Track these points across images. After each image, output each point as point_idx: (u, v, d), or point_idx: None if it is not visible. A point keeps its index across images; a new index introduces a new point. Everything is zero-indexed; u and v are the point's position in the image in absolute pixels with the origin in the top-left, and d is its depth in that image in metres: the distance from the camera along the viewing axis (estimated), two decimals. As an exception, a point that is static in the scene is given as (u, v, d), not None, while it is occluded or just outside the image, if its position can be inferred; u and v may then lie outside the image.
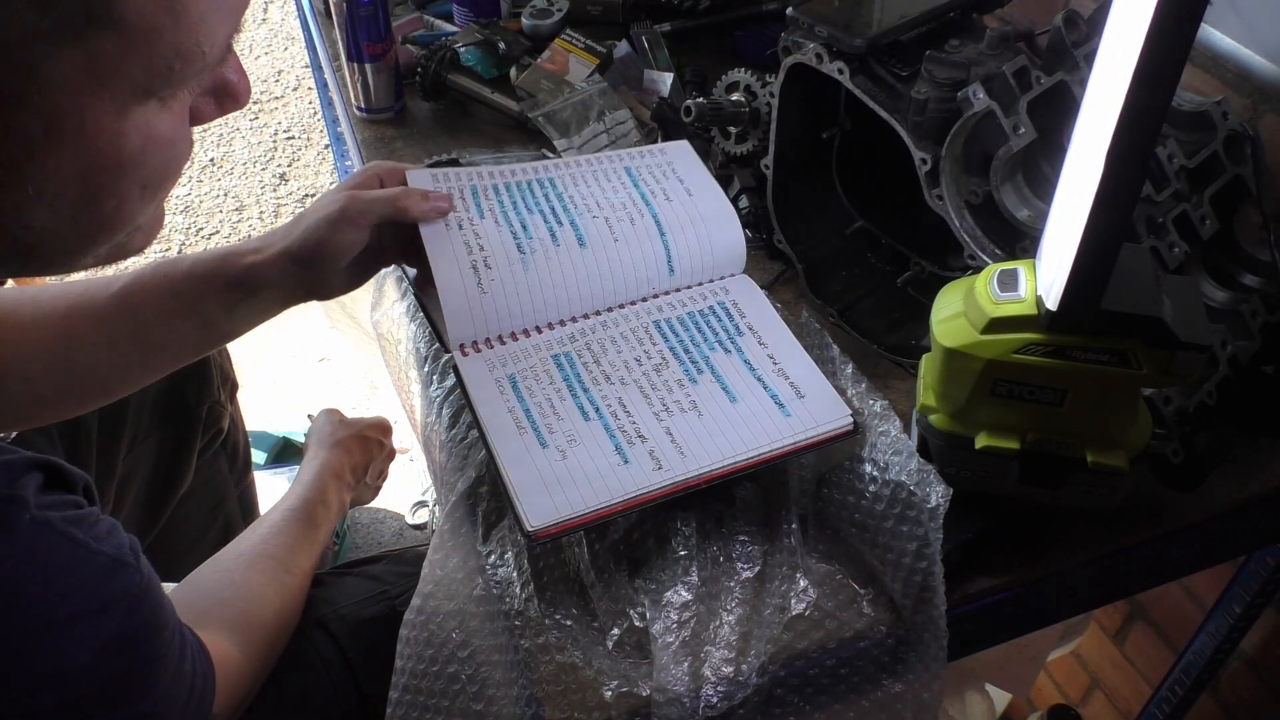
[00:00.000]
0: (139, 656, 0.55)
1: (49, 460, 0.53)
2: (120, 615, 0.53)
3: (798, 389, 0.75)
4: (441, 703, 0.66)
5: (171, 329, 0.78)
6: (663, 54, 1.23)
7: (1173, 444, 0.76)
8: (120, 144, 0.47)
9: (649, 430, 0.72)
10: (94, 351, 0.77)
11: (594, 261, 0.82)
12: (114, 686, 0.54)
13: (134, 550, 0.56)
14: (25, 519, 0.49)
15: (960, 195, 0.80)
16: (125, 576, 0.54)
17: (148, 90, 0.47)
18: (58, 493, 0.53)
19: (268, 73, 3.05)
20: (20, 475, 0.50)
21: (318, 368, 2.08)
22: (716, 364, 0.77)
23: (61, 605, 0.50)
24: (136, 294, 0.76)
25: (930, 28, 0.83)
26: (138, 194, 0.50)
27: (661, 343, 0.79)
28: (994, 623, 0.78)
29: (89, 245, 0.52)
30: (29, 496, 0.50)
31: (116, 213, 0.50)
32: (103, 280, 0.78)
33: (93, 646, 0.52)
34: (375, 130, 1.18)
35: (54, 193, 0.47)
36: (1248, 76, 0.86)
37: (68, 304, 0.76)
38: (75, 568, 0.51)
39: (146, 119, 0.48)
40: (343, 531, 1.62)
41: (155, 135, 0.49)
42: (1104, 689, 1.36)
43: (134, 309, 0.76)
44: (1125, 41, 0.50)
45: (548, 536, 0.66)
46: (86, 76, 0.44)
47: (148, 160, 0.49)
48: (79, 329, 0.76)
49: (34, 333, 0.75)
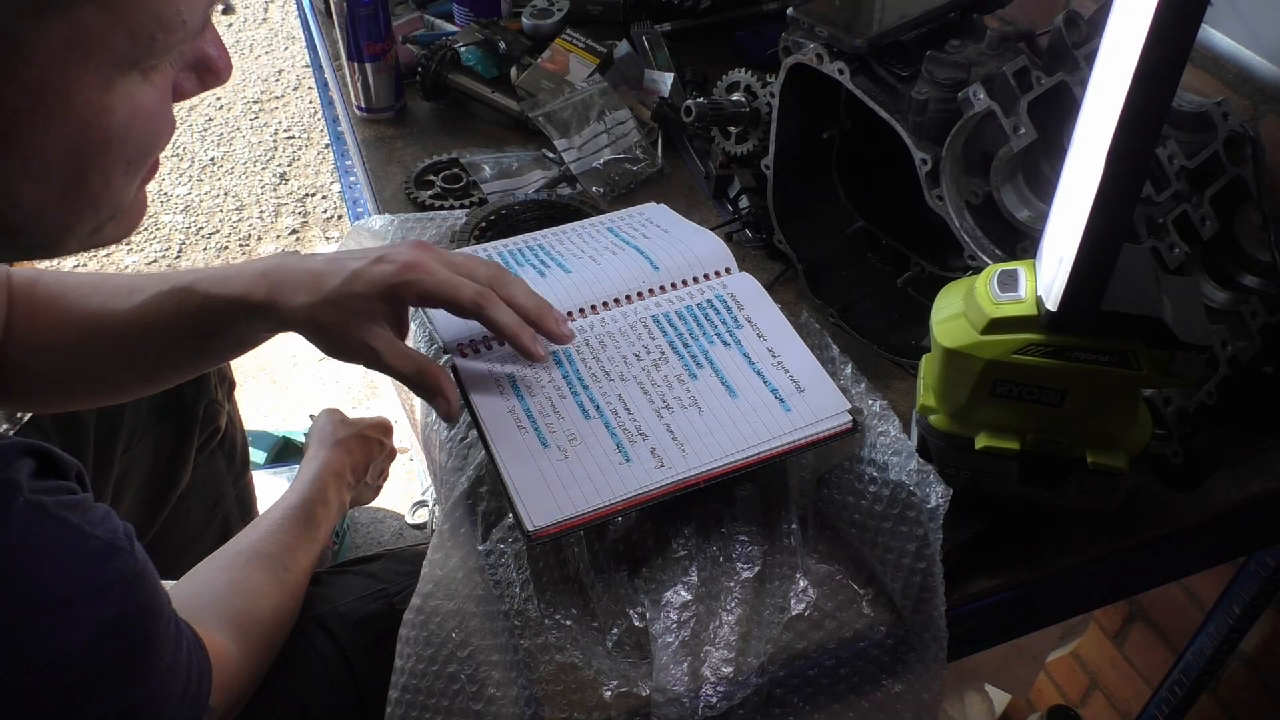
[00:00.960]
0: (135, 641, 0.55)
1: (41, 446, 0.52)
2: (115, 599, 0.53)
3: (797, 382, 0.75)
4: (441, 702, 0.66)
5: (184, 351, 0.79)
6: (663, 54, 1.23)
7: (1173, 444, 0.76)
8: (106, 117, 0.47)
9: (650, 428, 0.72)
10: (108, 361, 0.78)
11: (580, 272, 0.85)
12: (110, 671, 0.53)
13: (128, 536, 0.56)
14: (19, 502, 0.49)
15: (960, 195, 0.80)
16: (120, 560, 0.54)
17: (131, 61, 0.47)
18: (50, 479, 0.52)
19: (268, 72, 3.06)
20: (13, 460, 0.50)
21: (317, 367, 2.08)
22: (716, 358, 0.77)
23: (56, 588, 0.50)
24: (155, 314, 0.75)
25: (931, 28, 0.83)
26: (122, 169, 0.50)
27: (660, 337, 0.79)
28: (994, 623, 0.78)
29: (73, 225, 0.51)
30: (22, 480, 0.50)
31: (102, 189, 0.50)
32: (125, 289, 0.77)
33: (88, 630, 0.51)
34: (375, 130, 1.18)
35: (41, 168, 0.47)
36: (1248, 77, 0.86)
37: (90, 311, 0.76)
38: (70, 551, 0.51)
39: (130, 91, 0.48)
40: (342, 531, 1.62)
41: (139, 108, 0.49)
42: (1103, 689, 1.36)
43: (151, 329, 0.75)
44: (1126, 42, 0.50)
45: (548, 536, 0.66)
46: (71, 48, 0.44)
47: (132, 134, 0.49)
48: (98, 339, 0.76)
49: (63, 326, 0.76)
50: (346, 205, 2.00)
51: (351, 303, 0.69)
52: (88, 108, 0.46)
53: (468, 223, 0.98)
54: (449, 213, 1.01)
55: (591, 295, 0.83)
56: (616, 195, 1.08)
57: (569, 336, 0.75)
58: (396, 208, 1.05)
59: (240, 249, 2.46)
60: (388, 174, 1.11)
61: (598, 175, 1.09)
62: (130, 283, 0.77)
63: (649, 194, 1.06)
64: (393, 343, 0.70)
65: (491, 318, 0.70)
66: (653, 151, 1.12)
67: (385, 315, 0.70)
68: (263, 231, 2.50)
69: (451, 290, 0.69)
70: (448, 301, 0.70)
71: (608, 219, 0.95)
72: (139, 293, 0.76)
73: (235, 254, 2.44)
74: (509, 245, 0.91)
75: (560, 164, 1.10)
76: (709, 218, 1.04)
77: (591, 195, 1.05)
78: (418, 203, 1.06)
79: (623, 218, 0.95)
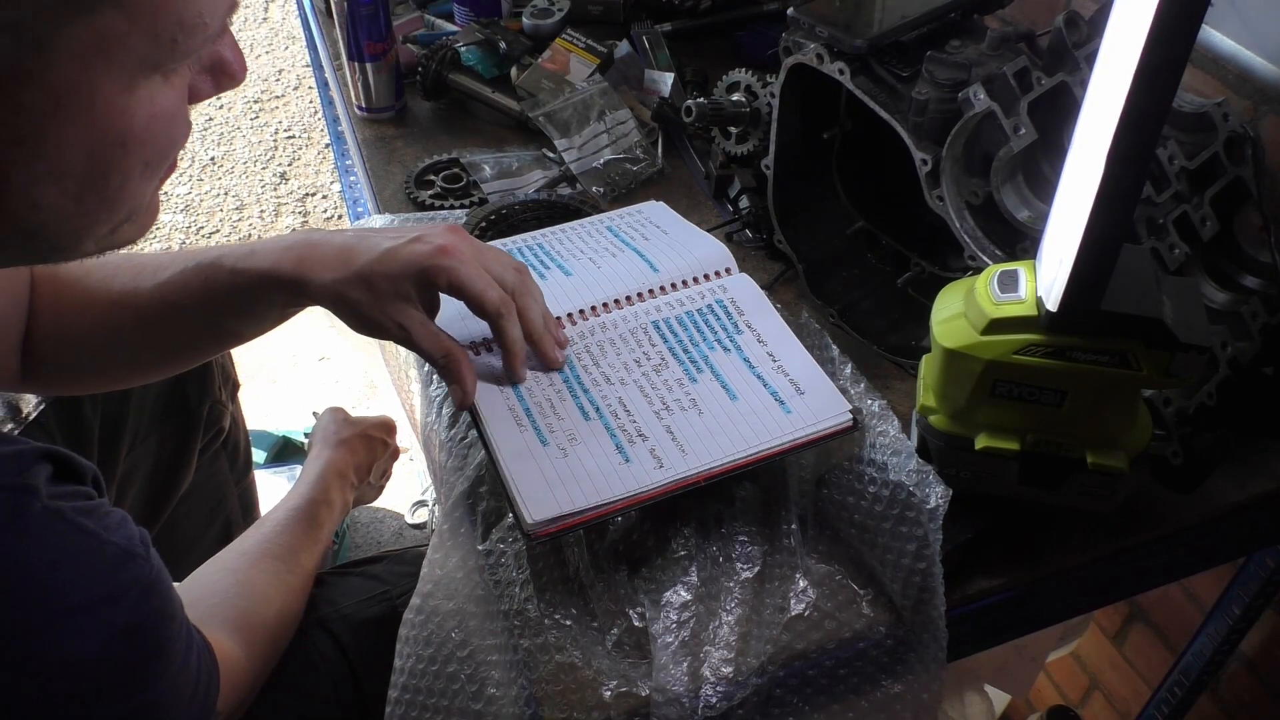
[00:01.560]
0: (147, 647, 0.55)
1: (58, 451, 0.53)
2: (130, 605, 0.53)
3: (797, 385, 0.75)
4: (441, 702, 0.66)
5: (212, 326, 0.79)
6: (663, 54, 1.23)
7: (1172, 445, 0.76)
8: (127, 120, 0.47)
9: (649, 429, 0.72)
10: (136, 340, 0.78)
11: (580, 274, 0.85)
12: (122, 676, 0.54)
13: (144, 542, 0.56)
14: (37, 507, 0.49)
15: (961, 196, 0.80)
16: (135, 567, 0.54)
17: (153, 64, 0.47)
18: (68, 484, 0.53)
19: (268, 72, 3.06)
20: (31, 465, 0.50)
21: (318, 367, 2.08)
22: (716, 362, 0.77)
23: (72, 593, 0.50)
24: (181, 292, 0.75)
25: (931, 28, 0.83)
26: (140, 171, 0.50)
27: (661, 343, 0.79)
28: (993, 623, 0.78)
29: (91, 227, 0.52)
30: (40, 486, 0.50)
31: (120, 192, 0.50)
32: (150, 268, 0.76)
33: (102, 635, 0.52)
34: (376, 129, 1.18)
35: (62, 170, 0.47)
36: (1248, 78, 0.86)
37: (115, 291, 0.76)
38: (86, 557, 0.52)
39: (150, 94, 0.48)
40: (342, 531, 1.62)
41: (159, 111, 0.49)
42: (1103, 690, 1.36)
43: (178, 307, 0.75)
44: (1126, 42, 0.50)
45: (548, 535, 0.66)
46: (94, 51, 0.44)
47: (152, 136, 0.49)
48: (121, 319, 0.76)
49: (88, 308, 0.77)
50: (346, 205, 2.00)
51: (384, 282, 0.69)
52: (109, 110, 0.47)
53: (468, 222, 0.98)
54: (449, 212, 1.01)
55: (591, 297, 0.83)
56: (617, 195, 1.08)
57: (559, 363, 0.77)
58: (396, 207, 1.05)
59: (241, 249, 2.45)
60: (388, 174, 1.11)
61: (598, 175, 1.09)
62: (154, 261, 0.77)
63: (649, 194, 1.06)
64: (425, 323, 0.71)
65: (503, 330, 0.72)
66: (653, 151, 1.12)
67: (417, 295, 0.70)
68: (263, 231, 2.50)
69: (481, 289, 0.70)
70: (474, 297, 0.71)
71: (607, 218, 0.95)
72: (164, 270, 0.76)
73: (236, 254, 2.44)
74: (509, 244, 0.91)
75: (560, 164, 1.10)
76: (709, 218, 1.04)
77: (591, 195, 1.05)
78: (418, 202, 1.06)
79: (623, 217, 0.95)
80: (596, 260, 0.87)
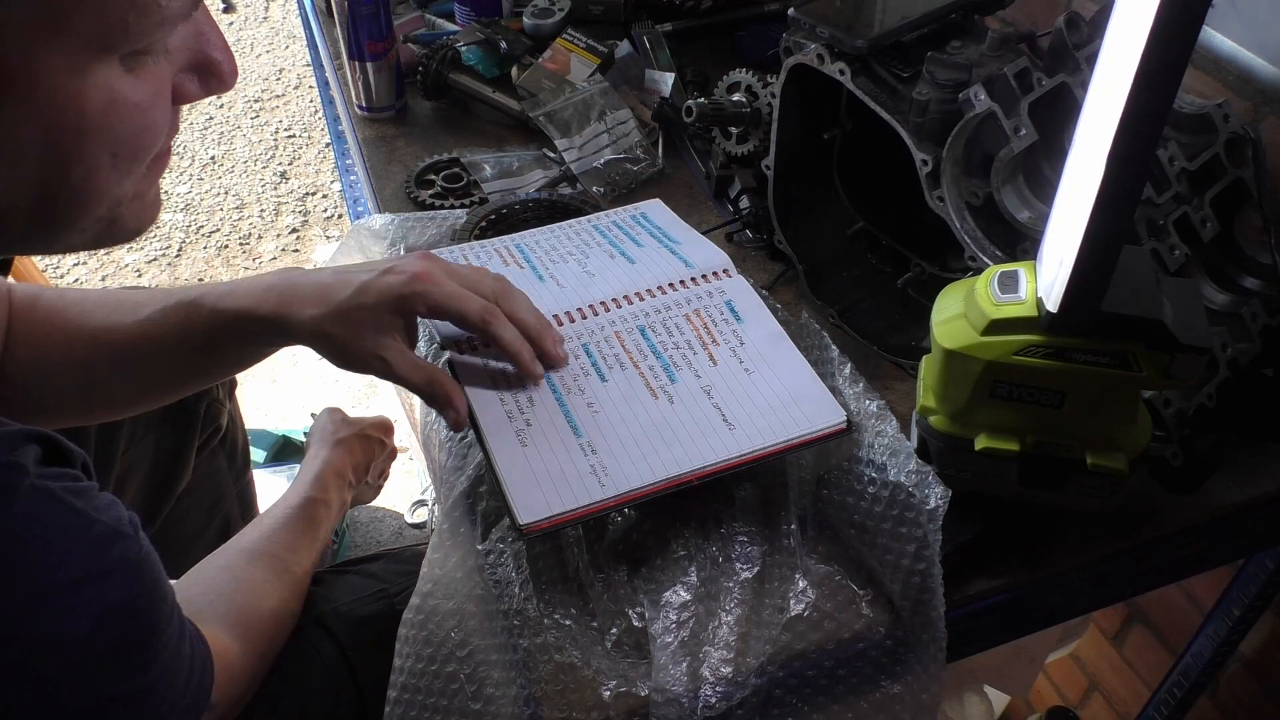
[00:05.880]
0: (139, 627, 0.55)
1: (47, 434, 0.52)
2: (120, 583, 0.53)
3: (792, 389, 0.75)
4: (440, 702, 0.66)
5: (191, 364, 0.79)
6: (664, 54, 1.23)
7: (1172, 446, 0.76)
8: (80, 105, 0.47)
9: (644, 429, 0.72)
10: (115, 377, 0.78)
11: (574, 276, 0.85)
12: (114, 655, 0.53)
13: (134, 524, 0.55)
14: (25, 485, 0.49)
15: (961, 196, 0.80)
16: (124, 545, 0.54)
17: (104, 45, 0.47)
18: (56, 466, 0.52)
19: (269, 71, 3.06)
20: (19, 445, 0.50)
21: (317, 366, 2.08)
22: (710, 364, 0.77)
23: (62, 571, 0.50)
24: (160, 329, 0.75)
25: (932, 29, 0.83)
26: (108, 162, 0.50)
27: (652, 345, 0.79)
28: (993, 624, 0.78)
29: (65, 218, 0.51)
30: (28, 464, 0.50)
31: (87, 182, 0.50)
32: (129, 305, 0.77)
33: (94, 614, 0.51)
34: (376, 129, 1.18)
35: (13, 155, 0.46)
36: (1249, 79, 0.86)
37: (93, 327, 0.76)
38: (76, 534, 0.51)
39: (109, 81, 0.47)
40: (341, 530, 1.62)
41: (120, 99, 0.48)
42: (1102, 691, 1.36)
43: (157, 344, 0.75)
44: (1127, 43, 0.50)
45: (539, 531, 0.66)
46: (37, 27, 0.44)
47: (113, 125, 0.49)
48: (102, 355, 0.76)
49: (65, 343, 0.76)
50: (347, 204, 2.00)
51: (361, 315, 0.70)
52: (57, 93, 0.46)
53: (468, 222, 0.98)
54: (449, 212, 1.01)
55: (587, 298, 0.83)
56: (617, 195, 1.08)
57: (563, 360, 0.76)
58: (397, 207, 1.05)
59: (240, 248, 2.46)
60: (388, 173, 1.11)
61: (598, 175, 1.09)
62: (134, 297, 0.77)
63: (649, 194, 1.06)
64: (403, 353, 0.71)
65: (496, 335, 0.72)
66: (653, 151, 1.12)
67: (395, 326, 0.71)
68: (263, 230, 2.50)
69: (460, 303, 0.71)
70: (455, 315, 0.71)
71: (603, 217, 0.95)
72: (143, 307, 0.76)
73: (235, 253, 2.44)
74: (509, 244, 0.91)
75: (561, 164, 1.10)
76: (709, 218, 1.04)
77: (592, 195, 1.05)
78: (418, 202, 1.06)
79: (619, 215, 0.95)
80: (590, 260, 0.87)
